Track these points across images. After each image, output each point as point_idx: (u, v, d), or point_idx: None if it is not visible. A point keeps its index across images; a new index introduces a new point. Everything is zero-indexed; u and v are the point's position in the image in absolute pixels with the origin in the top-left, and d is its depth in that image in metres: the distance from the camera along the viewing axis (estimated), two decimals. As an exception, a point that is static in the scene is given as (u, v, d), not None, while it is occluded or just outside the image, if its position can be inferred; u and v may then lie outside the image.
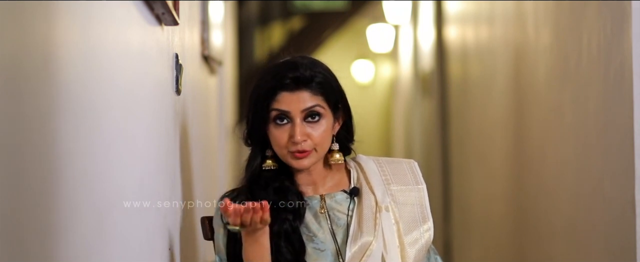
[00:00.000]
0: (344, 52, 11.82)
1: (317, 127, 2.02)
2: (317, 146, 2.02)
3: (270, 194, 2.03)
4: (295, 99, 2.01)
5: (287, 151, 2.02)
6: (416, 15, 8.59)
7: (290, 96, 2.01)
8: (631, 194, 2.33)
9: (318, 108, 2.02)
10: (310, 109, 2.01)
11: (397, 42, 10.77)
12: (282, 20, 9.74)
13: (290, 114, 2.01)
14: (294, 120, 2.01)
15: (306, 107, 2.01)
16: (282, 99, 2.01)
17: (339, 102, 2.07)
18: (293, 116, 2.01)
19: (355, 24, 10.75)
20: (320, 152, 2.04)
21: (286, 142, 2.01)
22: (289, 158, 2.03)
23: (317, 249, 2.02)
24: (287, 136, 2.01)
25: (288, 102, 2.01)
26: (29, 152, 1.12)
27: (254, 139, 2.08)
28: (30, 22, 1.12)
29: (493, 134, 4.53)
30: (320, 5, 9.82)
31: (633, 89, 2.31)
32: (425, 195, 2.10)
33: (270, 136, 2.03)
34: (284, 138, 2.01)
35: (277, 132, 2.02)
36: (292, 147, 2.01)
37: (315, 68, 2.04)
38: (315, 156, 2.03)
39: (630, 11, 2.32)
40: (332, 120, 2.06)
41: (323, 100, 2.03)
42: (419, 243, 2.06)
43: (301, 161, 2.02)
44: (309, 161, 2.03)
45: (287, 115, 2.01)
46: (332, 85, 2.06)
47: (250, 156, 2.10)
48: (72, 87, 1.29)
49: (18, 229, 1.07)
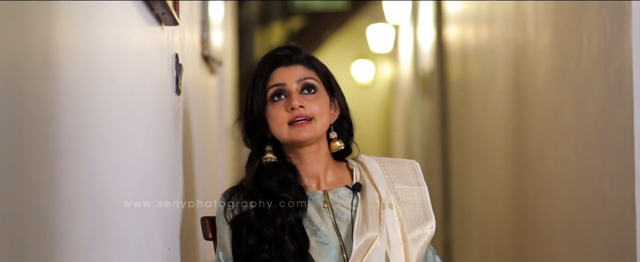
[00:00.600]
0: (344, 52, 11.82)
1: (313, 98, 2.07)
2: (316, 116, 2.06)
3: (273, 185, 2.04)
4: (290, 72, 2.08)
5: (286, 123, 2.04)
6: (416, 15, 8.59)
7: (285, 70, 2.08)
8: (631, 194, 2.33)
9: (312, 80, 2.08)
10: (305, 80, 2.07)
11: (397, 42, 10.77)
12: (282, 20, 9.74)
13: (286, 86, 2.06)
14: (290, 91, 2.06)
15: (301, 77, 2.07)
16: (277, 74, 2.08)
17: (334, 89, 2.13)
18: (289, 88, 2.06)
19: (355, 24, 10.75)
20: (319, 125, 2.06)
21: (284, 115, 2.04)
22: (289, 132, 2.05)
23: (320, 243, 2.03)
24: (284, 109, 2.05)
25: (283, 75, 2.08)
26: (29, 152, 1.12)
27: (252, 134, 2.09)
28: (30, 22, 1.12)
29: (493, 134, 4.53)
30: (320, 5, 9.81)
31: (633, 89, 2.31)
32: (427, 196, 2.13)
33: (269, 116, 2.06)
34: (282, 112, 2.05)
35: (274, 109, 2.05)
36: (290, 116, 2.03)
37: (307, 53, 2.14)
38: (314, 127, 2.05)
39: (630, 11, 2.32)
40: (327, 99, 2.10)
41: (316, 75, 2.10)
42: (422, 240, 2.07)
43: (301, 130, 2.04)
44: (309, 132, 2.04)
45: (283, 88, 2.06)
46: (325, 69, 2.14)
47: (250, 154, 2.12)
48: (72, 87, 1.29)
49: (18, 229, 1.07)
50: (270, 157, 2.09)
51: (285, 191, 2.04)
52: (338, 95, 2.14)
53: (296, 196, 2.05)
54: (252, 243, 2.01)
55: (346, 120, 2.15)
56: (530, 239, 3.64)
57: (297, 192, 2.05)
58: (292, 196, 2.04)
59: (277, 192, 2.04)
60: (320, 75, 2.11)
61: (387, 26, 10.44)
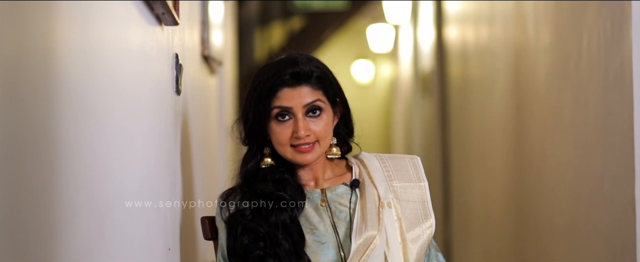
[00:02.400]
0: (344, 52, 11.82)
1: (318, 121, 2.04)
2: (320, 140, 2.04)
3: (269, 186, 2.04)
4: (296, 95, 2.02)
5: (290, 146, 2.03)
6: (416, 15, 8.59)
7: (291, 92, 2.02)
8: (631, 194, 2.33)
9: (319, 103, 2.04)
10: (312, 104, 2.03)
11: (397, 42, 10.77)
12: (282, 20, 9.74)
13: (292, 110, 2.02)
14: (296, 115, 2.02)
15: (307, 102, 2.02)
16: (283, 95, 2.02)
17: (337, 96, 2.09)
18: (295, 112, 2.02)
19: (355, 24, 10.75)
20: (322, 146, 2.05)
21: (289, 138, 2.03)
22: (292, 154, 2.04)
23: (317, 242, 2.02)
24: (289, 132, 2.02)
25: (289, 98, 2.02)
26: (29, 152, 1.12)
27: (252, 138, 2.08)
28: (30, 22, 1.12)
29: (493, 134, 4.53)
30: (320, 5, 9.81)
31: (633, 89, 2.31)
32: (427, 192, 2.11)
33: (272, 133, 2.04)
34: (287, 134, 2.03)
35: (279, 129, 2.03)
36: (295, 141, 2.02)
37: (312, 63, 2.06)
38: (318, 150, 2.05)
39: (630, 11, 2.32)
40: (331, 115, 2.07)
41: (323, 94, 2.05)
42: (421, 240, 2.07)
43: (305, 155, 2.03)
44: (312, 155, 2.04)
45: (289, 111, 2.02)
46: (330, 79, 2.08)
47: (247, 153, 2.11)
48: (72, 87, 1.29)
49: (18, 229, 1.07)
50: (268, 162, 2.08)
51: (280, 190, 2.04)
52: (340, 100, 2.11)
53: (292, 194, 2.04)
54: (246, 242, 2.01)
55: (346, 122, 2.14)
56: (530, 239, 3.64)
57: (293, 191, 2.05)
58: (288, 194, 2.04)
59: (272, 191, 2.04)
60: (327, 95, 2.05)
61: (387, 26, 10.44)
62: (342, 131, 2.12)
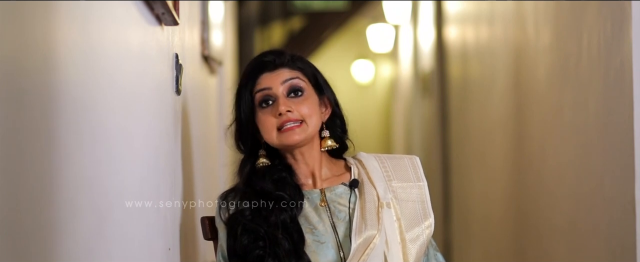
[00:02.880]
0: (344, 52, 11.82)
1: (301, 100, 2.06)
2: (306, 118, 2.05)
3: (268, 185, 2.04)
4: (275, 76, 2.08)
5: (276, 130, 2.03)
6: (416, 15, 8.59)
7: (270, 75, 2.08)
8: (631, 194, 2.33)
9: (298, 80, 2.07)
10: (290, 81, 2.06)
11: (397, 42, 10.77)
12: (282, 20, 9.74)
13: (272, 90, 2.06)
14: (276, 96, 2.05)
15: (285, 78, 2.06)
16: (263, 80, 2.08)
17: (322, 87, 2.11)
18: (275, 92, 2.06)
19: (355, 24, 10.75)
20: (310, 127, 2.06)
21: (273, 121, 2.04)
22: (279, 138, 2.04)
23: (317, 241, 2.03)
24: (273, 115, 2.04)
25: (268, 80, 2.07)
26: (29, 152, 1.12)
27: (244, 139, 2.09)
28: (30, 22, 1.12)
29: (493, 134, 4.53)
30: (320, 5, 9.81)
31: (633, 89, 2.31)
32: (426, 192, 2.12)
33: (259, 123, 2.06)
34: (271, 118, 2.05)
35: (264, 116, 2.05)
36: (279, 121, 2.03)
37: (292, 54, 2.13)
38: (305, 130, 2.05)
39: (630, 11, 2.32)
40: (316, 98, 2.09)
41: (302, 75, 2.09)
42: (420, 239, 2.07)
43: (291, 134, 2.03)
44: (300, 135, 2.04)
45: (270, 93, 2.05)
46: (311, 68, 2.13)
47: (243, 159, 2.12)
48: (72, 87, 1.29)
49: (18, 229, 1.07)
50: (263, 162, 2.09)
51: (280, 190, 2.05)
52: (328, 93, 2.12)
53: (291, 194, 2.05)
54: (246, 242, 2.01)
55: (338, 118, 2.14)
56: (530, 239, 3.64)
57: (293, 191, 2.05)
58: (287, 194, 2.04)
59: (271, 191, 2.04)
60: (306, 75, 2.10)
61: (387, 26, 10.44)
62: (335, 126, 2.12)
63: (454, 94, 6.16)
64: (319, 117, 2.08)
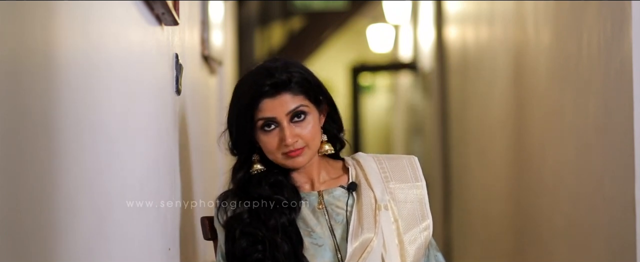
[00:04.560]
0: (344, 52, 11.82)
1: (304, 125, 2.03)
2: (309, 143, 2.04)
3: (265, 190, 2.04)
4: (278, 104, 2.01)
5: (280, 153, 2.03)
6: (416, 15, 8.60)
7: (272, 102, 2.01)
8: (631, 194, 2.33)
9: (302, 108, 2.03)
10: (295, 110, 2.02)
11: (397, 42, 10.77)
12: (282, 20, 9.74)
13: (276, 119, 2.02)
14: (281, 124, 2.01)
15: (290, 109, 2.01)
16: (265, 106, 2.01)
17: (320, 95, 2.07)
18: (279, 120, 2.01)
19: (355, 24, 10.75)
20: (313, 148, 2.05)
21: (277, 146, 2.02)
22: (283, 160, 2.04)
23: (315, 244, 2.02)
24: (277, 140, 2.02)
25: (271, 108, 2.01)
26: (29, 152, 1.12)
27: (240, 148, 2.08)
28: (30, 22, 1.12)
29: (493, 134, 4.53)
30: (320, 5, 9.81)
31: (633, 89, 2.31)
32: (424, 192, 2.11)
33: (260, 143, 2.04)
34: (275, 143, 2.02)
35: (266, 139, 2.03)
36: (284, 149, 2.02)
37: (289, 69, 2.04)
38: (309, 153, 2.04)
39: (630, 11, 2.32)
40: (317, 115, 2.07)
41: (305, 98, 2.03)
42: (418, 241, 2.06)
43: (296, 159, 2.03)
44: (303, 158, 2.04)
45: (273, 121, 2.02)
46: (310, 81, 2.06)
47: (236, 163, 2.10)
48: (72, 86, 1.29)
49: (18, 229, 1.07)
50: (258, 169, 2.07)
51: (277, 193, 2.04)
52: (325, 99, 2.09)
53: (289, 197, 2.04)
54: (244, 245, 2.01)
55: (334, 116, 2.13)
56: (530, 238, 3.64)
57: (290, 194, 2.05)
58: (285, 197, 2.04)
59: (269, 195, 2.04)
60: (309, 97, 2.04)
61: (387, 26, 10.45)
62: (331, 127, 2.12)
63: (454, 94, 6.16)
64: (320, 135, 2.07)
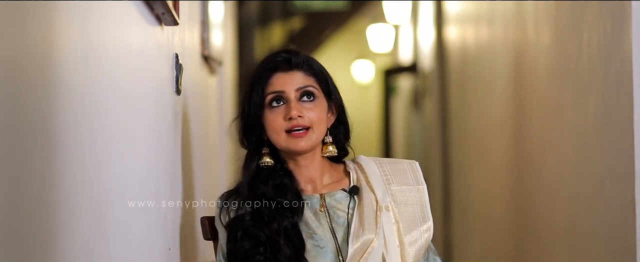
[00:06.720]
0: (344, 52, 11.82)
1: (312, 106, 2.06)
2: (313, 125, 2.05)
3: (269, 190, 2.04)
4: (289, 79, 2.06)
5: (284, 131, 2.03)
6: (416, 15, 8.60)
7: (284, 76, 2.06)
8: (631, 194, 2.33)
9: (311, 88, 2.06)
10: (304, 88, 2.06)
11: (397, 42, 10.77)
12: (282, 20, 9.74)
13: (284, 93, 2.05)
14: (289, 99, 2.04)
15: (300, 85, 2.05)
16: (276, 80, 2.06)
17: (332, 93, 2.11)
18: (288, 95, 2.05)
19: (355, 24, 10.75)
20: (316, 134, 2.06)
21: (283, 124, 2.04)
22: (286, 141, 2.04)
23: (316, 246, 2.03)
24: (282, 117, 2.04)
25: (282, 82, 2.05)
26: (29, 152, 1.12)
27: (249, 136, 2.08)
28: (30, 22, 1.12)
29: (493, 134, 4.53)
30: (320, 5, 9.81)
31: (633, 89, 2.31)
32: (425, 195, 2.12)
33: (266, 122, 2.05)
34: (280, 119, 2.04)
35: (272, 116, 2.05)
36: (288, 125, 2.02)
37: (306, 56, 2.11)
38: (312, 137, 2.05)
39: (630, 11, 2.32)
40: (325, 106, 2.08)
41: (315, 82, 2.08)
42: (418, 243, 2.07)
43: (299, 141, 2.04)
44: (306, 142, 2.04)
45: (282, 95, 2.05)
46: (324, 73, 2.11)
47: (246, 156, 2.12)
48: (72, 87, 1.29)
49: (19, 229, 1.07)
50: (268, 161, 2.09)
51: (281, 196, 2.05)
52: (336, 98, 2.12)
53: (292, 200, 2.05)
54: (247, 247, 2.01)
55: (343, 124, 2.14)
56: (530, 239, 3.64)
57: (294, 197, 2.05)
58: (288, 200, 2.04)
59: (273, 196, 2.04)
60: (319, 81, 2.09)
61: (387, 26, 10.45)
62: (338, 132, 2.12)
63: (454, 94, 6.16)
64: (325, 124, 2.09)
